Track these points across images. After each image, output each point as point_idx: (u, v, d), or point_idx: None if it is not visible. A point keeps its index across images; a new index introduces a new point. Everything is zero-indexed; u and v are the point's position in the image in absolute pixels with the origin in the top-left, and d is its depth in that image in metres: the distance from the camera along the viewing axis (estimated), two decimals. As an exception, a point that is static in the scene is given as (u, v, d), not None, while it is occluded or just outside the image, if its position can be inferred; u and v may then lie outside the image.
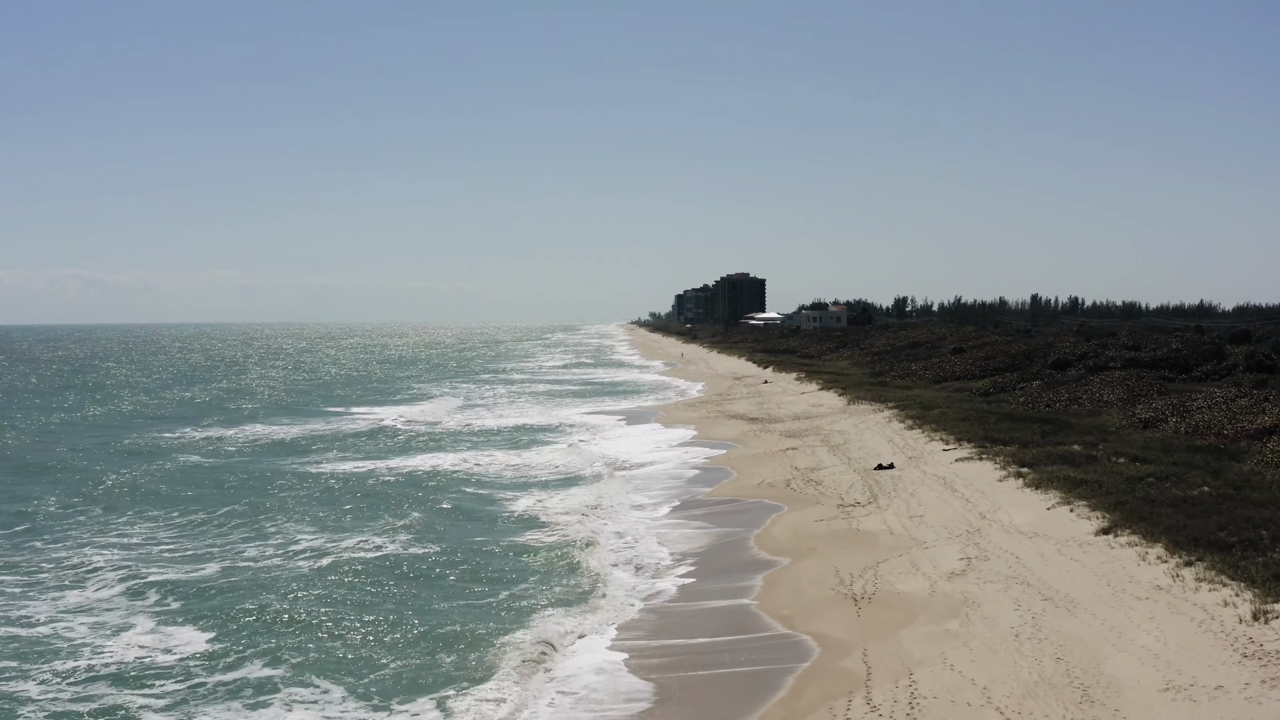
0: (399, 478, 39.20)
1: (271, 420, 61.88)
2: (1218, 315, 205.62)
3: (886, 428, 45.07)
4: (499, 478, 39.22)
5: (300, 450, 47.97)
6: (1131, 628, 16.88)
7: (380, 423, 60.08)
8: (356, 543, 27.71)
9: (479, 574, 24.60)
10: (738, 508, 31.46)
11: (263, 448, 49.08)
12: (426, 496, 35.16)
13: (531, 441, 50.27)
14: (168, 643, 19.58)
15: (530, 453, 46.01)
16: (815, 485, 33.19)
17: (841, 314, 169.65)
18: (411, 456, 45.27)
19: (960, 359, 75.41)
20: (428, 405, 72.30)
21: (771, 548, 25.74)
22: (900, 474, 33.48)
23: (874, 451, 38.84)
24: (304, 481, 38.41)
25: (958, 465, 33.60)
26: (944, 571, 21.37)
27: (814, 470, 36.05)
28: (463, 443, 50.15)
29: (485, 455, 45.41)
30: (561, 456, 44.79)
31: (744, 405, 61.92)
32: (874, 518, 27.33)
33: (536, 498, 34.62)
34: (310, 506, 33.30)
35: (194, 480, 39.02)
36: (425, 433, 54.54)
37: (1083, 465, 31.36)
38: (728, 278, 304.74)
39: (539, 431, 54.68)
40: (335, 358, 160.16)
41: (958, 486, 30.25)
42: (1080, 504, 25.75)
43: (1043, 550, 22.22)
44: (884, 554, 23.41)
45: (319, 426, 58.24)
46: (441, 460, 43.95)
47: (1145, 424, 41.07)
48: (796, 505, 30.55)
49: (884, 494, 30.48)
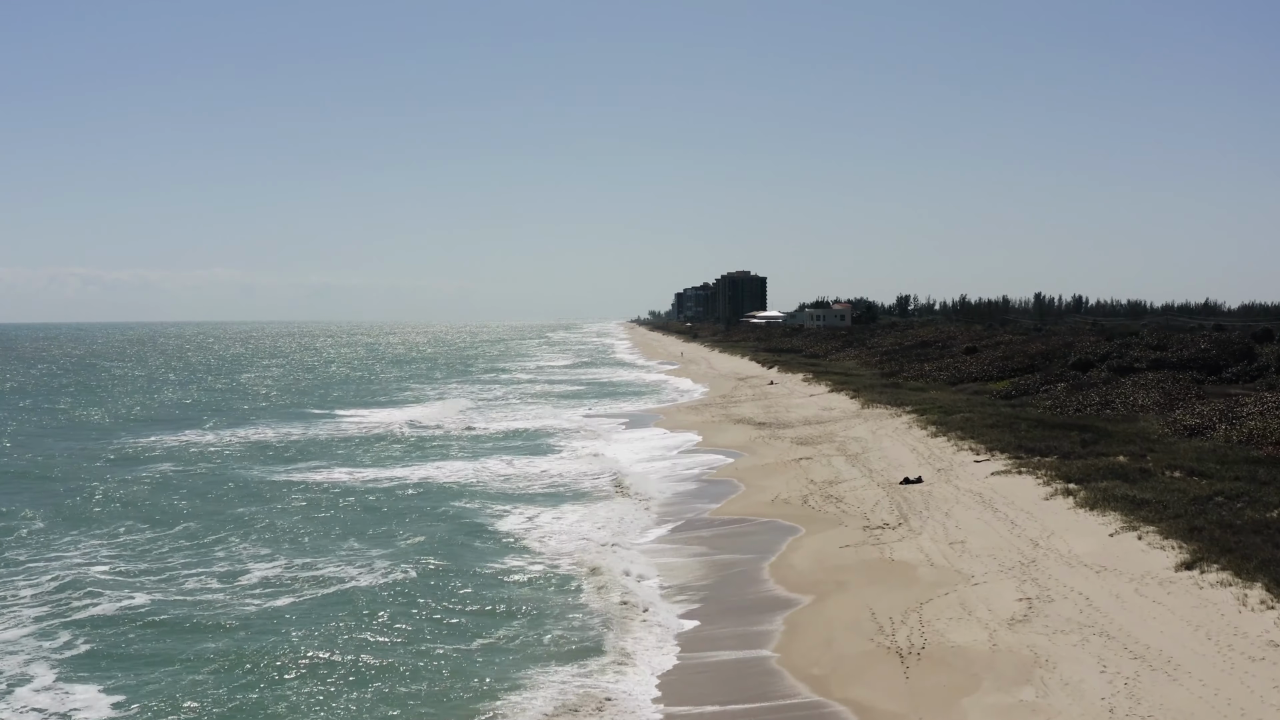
0: (381, 491, 35.86)
1: (259, 424, 58.51)
2: (1224, 314, 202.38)
3: (907, 435, 41.72)
4: (490, 490, 35.87)
5: (279, 458, 44.64)
6: (1255, 702, 13.55)
7: (369, 427, 56.75)
8: (320, 574, 24.34)
9: (456, 615, 21.27)
10: (748, 529, 28.12)
11: (241, 455, 45.74)
12: (409, 514, 31.82)
13: (527, 448, 46.93)
14: (63, 705, 16.23)
15: (525, 461, 42.66)
16: (836, 502, 29.82)
17: (846, 312, 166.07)
18: (397, 466, 41.94)
19: (975, 359, 72.04)
20: (419, 408, 68.95)
21: (791, 580, 22.39)
22: (930, 489, 30.12)
23: (897, 462, 35.49)
24: (275, 494, 35.07)
25: (994, 480, 30.24)
26: (1002, 616, 18.02)
27: (832, 484, 32.70)
28: (453, 450, 46.80)
29: (477, 465, 42.07)
30: (558, 465, 41.48)
31: (750, 408, 58.58)
32: (908, 544, 23.97)
33: (527, 516, 31.27)
34: (275, 525, 29.94)
35: (155, 492, 35.67)
36: (414, 437, 51.20)
37: (1137, 481, 28.02)
38: (728, 276, 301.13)
39: (536, 437, 51.35)
40: (333, 357, 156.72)
41: (998, 505, 26.91)
42: (1148, 529, 22.43)
43: (1116, 589, 18.87)
44: (926, 591, 20.06)
45: (304, 431, 54.89)
46: (429, 470, 40.62)
47: (1191, 431, 37.70)
48: (816, 526, 27.21)
49: (915, 514, 27.14)
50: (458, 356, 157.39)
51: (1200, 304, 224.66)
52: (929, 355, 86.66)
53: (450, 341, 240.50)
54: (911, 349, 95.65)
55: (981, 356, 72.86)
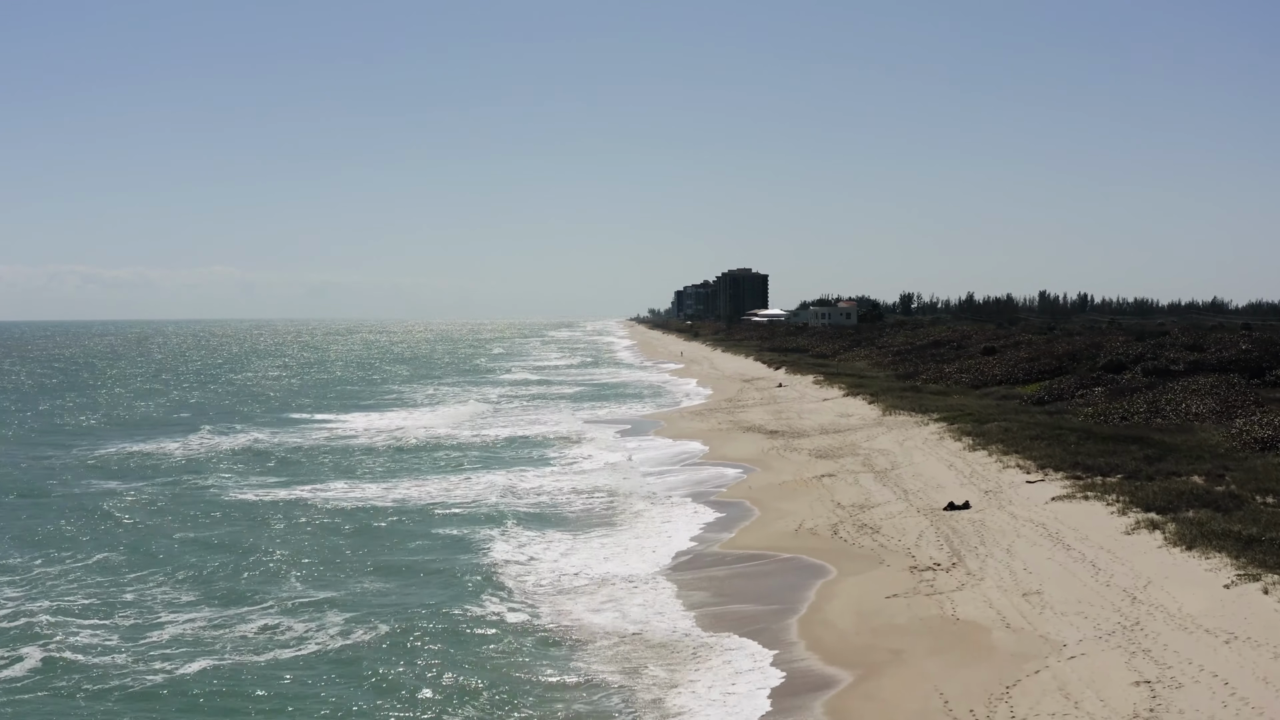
0: (349, 513, 31.53)
1: (238, 429, 54.05)
2: (1231, 311, 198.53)
3: (939, 447, 37.38)
4: (471, 513, 31.50)
5: (245, 471, 40.31)
6: None
7: (351, 434, 52.38)
8: (251, 631, 19.96)
9: (414, 690, 16.93)
10: (767, 568, 23.80)
11: (204, 467, 41.41)
12: (377, 544, 27.51)
13: (518, 460, 42.58)
14: None
15: (514, 477, 38.30)
16: (871, 533, 25.46)
17: (851, 311, 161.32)
18: (374, 481, 37.60)
19: (998, 360, 67.68)
20: (406, 413, 64.62)
21: (828, 645, 18.06)
22: (982, 517, 25.79)
23: (934, 481, 31.15)
24: (224, 518, 30.74)
25: (1057, 507, 25.90)
26: (1122, 712, 13.69)
27: (864, 508, 28.36)
28: (438, 462, 42.45)
29: (461, 480, 37.71)
30: (550, 481, 37.16)
31: (759, 414, 54.24)
32: (971, 594, 19.62)
33: (510, 550, 26.89)
34: (213, 559, 25.61)
35: (87, 514, 31.26)
36: (397, 447, 46.83)
37: (1230, 510, 23.71)
38: (729, 273, 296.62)
39: (528, 446, 47.00)
40: (328, 357, 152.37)
41: (1070, 540, 22.58)
42: (1273, 578, 18.09)
43: (1260, 668, 14.57)
44: (1009, 667, 15.72)
45: (282, 438, 50.49)
46: (408, 487, 36.29)
47: (1263, 445, 33.37)
48: (851, 565, 22.88)
49: (970, 550, 22.81)
50: (454, 356, 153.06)
51: (1208, 302, 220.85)
52: (944, 356, 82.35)
53: (448, 340, 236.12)
54: (925, 349, 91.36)
55: (1004, 358, 68.52)
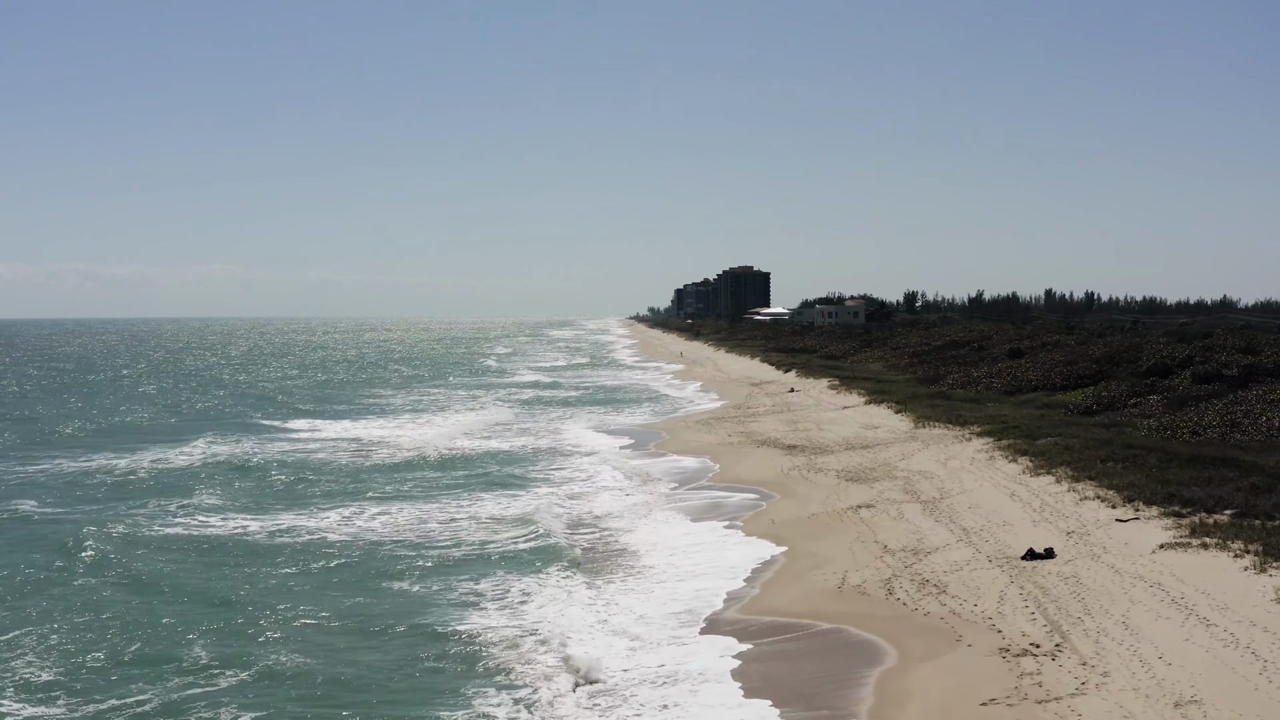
0: (284, 552, 26.16)
1: (197, 439, 48.59)
2: (1241, 310, 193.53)
3: (991, 469, 32.03)
4: (424, 561, 26.11)
5: (182, 490, 34.96)
6: None
7: (317, 446, 46.94)
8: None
9: None
10: (804, 645, 18.43)
11: (139, 487, 36.10)
12: (306, 595, 22.18)
13: (498, 482, 37.20)
14: None
15: (491, 505, 32.95)
16: (937, 593, 20.07)
17: (859, 309, 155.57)
18: (325, 508, 32.23)
19: (1029, 364, 62.29)
20: (384, 421, 59.25)
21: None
22: (1074, 569, 20.43)
23: (997, 515, 25.78)
24: (129, 556, 25.37)
25: (1167, 558, 20.55)
26: None
27: (917, 554, 22.99)
28: (406, 484, 37.06)
29: (428, 511, 32.34)
30: (533, 507, 31.83)
31: (773, 424, 48.87)
32: (1100, 703, 14.24)
33: (463, 613, 21.58)
34: (92, 618, 20.23)
35: None
36: (362, 464, 41.44)
37: (1406, 568, 18.40)
38: (731, 271, 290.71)
39: (514, 462, 41.64)
40: (332, 358, 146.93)
41: (1203, 610, 17.22)
42: None
43: None
44: None
45: (240, 449, 45.05)
46: (363, 519, 30.94)
47: (1383, 469, 28.03)
48: (918, 644, 17.52)
49: (1073, 621, 17.46)
50: (449, 355, 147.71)
51: (1217, 300, 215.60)
52: (966, 358, 76.99)
53: (446, 339, 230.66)
54: (942, 350, 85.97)
55: (1036, 361, 63.13)
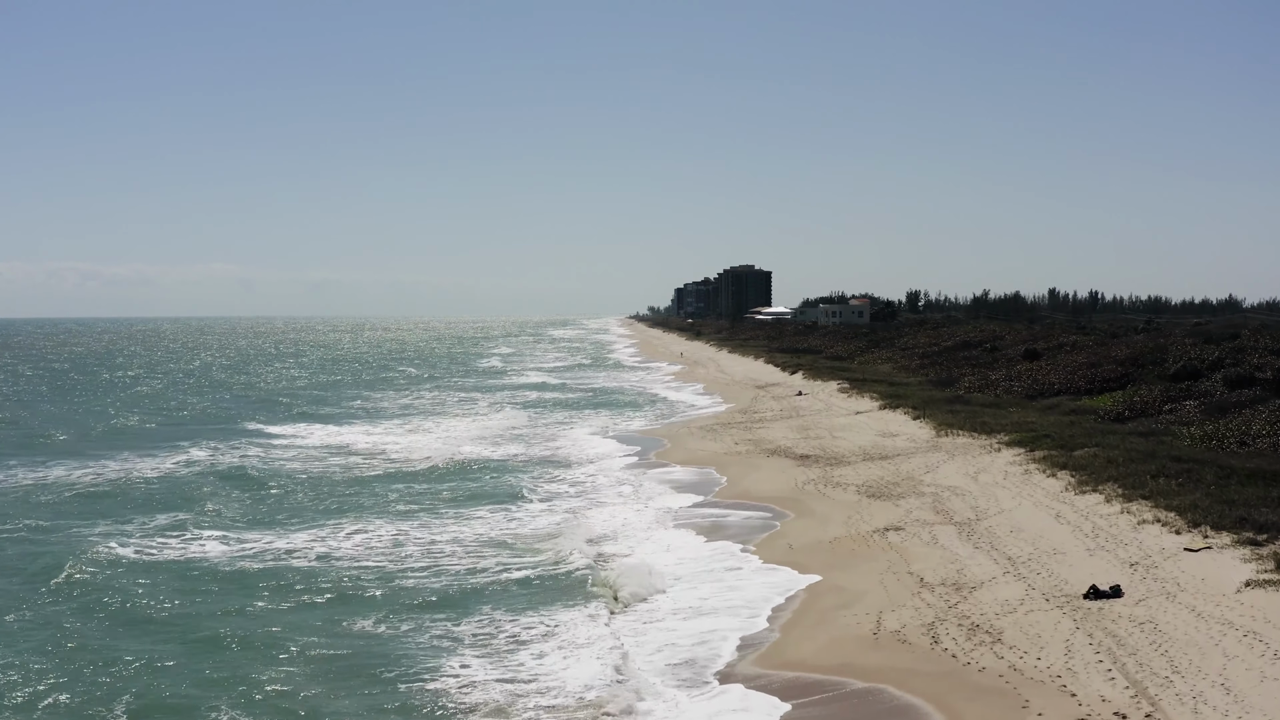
0: (236, 581, 23.28)
1: (174, 445, 45.80)
2: (1247, 310, 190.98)
3: (1028, 484, 29.12)
4: (397, 594, 23.26)
5: (147, 505, 32.10)
6: None
7: (295, 454, 44.06)
8: None
9: None
10: (836, 710, 15.46)
11: (98, 501, 33.24)
12: (256, 638, 19.29)
13: (485, 497, 34.31)
14: None
15: (475, 525, 30.07)
16: (991, 641, 17.13)
17: (864, 309, 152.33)
18: (294, 527, 29.35)
19: (1049, 367, 59.35)
20: (370, 427, 56.35)
21: None
22: (1148, 612, 17.53)
23: (1044, 540, 22.88)
24: (71, 583, 22.47)
25: (1257, 598, 17.65)
26: None
27: (960, 589, 20.08)
28: (386, 498, 34.16)
29: (404, 530, 29.47)
30: (519, 530, 28.97)
31: (782, 431, 45.97)
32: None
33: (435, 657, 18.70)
34: (17, 655, 17.33)
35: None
36: (343, 475, 38.53)
37: None
38: (731, 270, 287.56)
39: (505, 472, 38.77)
40: (322, 359, 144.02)
41: (1322, 672, 14.34)
42: None
43: None
44: None
45: (216, 458, 42.13)
46: (337, 539, 28.04)
47: None
48: (974, 711, 14.60)
49: (1159, 681, 14.56)
50: (448, 356, 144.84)
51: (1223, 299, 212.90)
52: (979, 359, 74.11)
53: (445, 339, 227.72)
54: (953, 351, 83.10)
55: (1055, 363, 60.21)
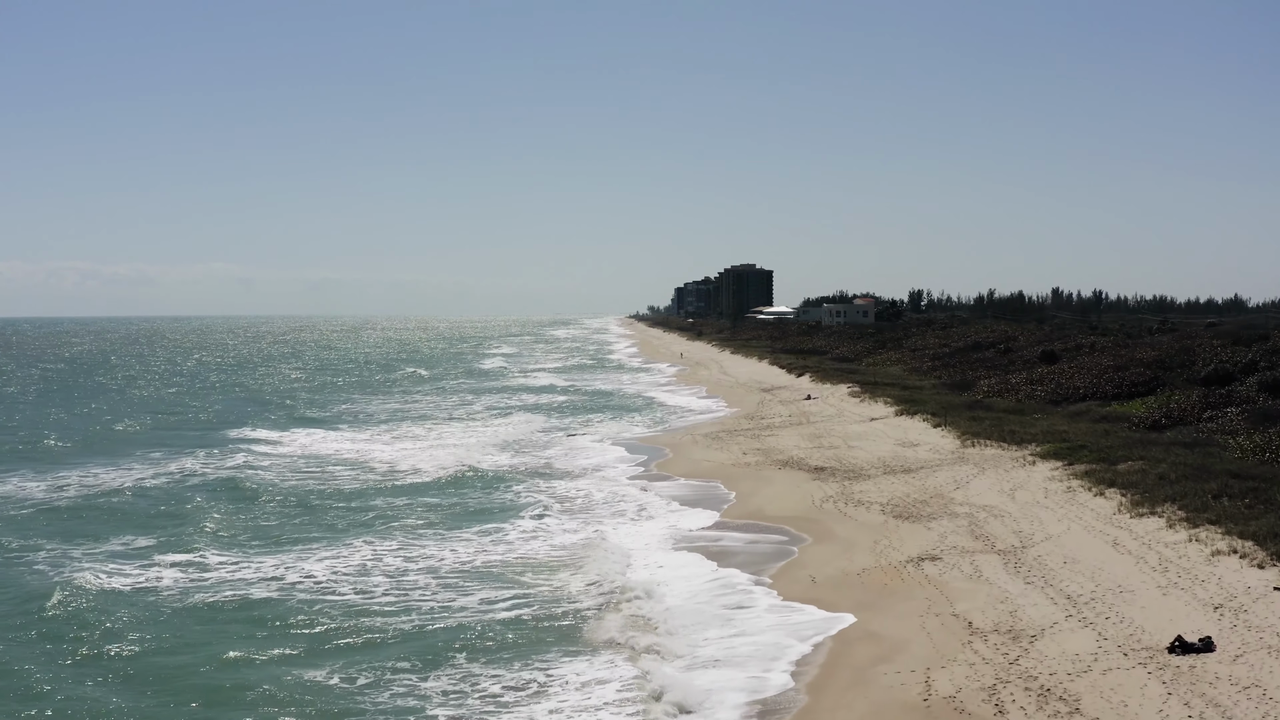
0: (184, 618, 20.31)
1: (152, 452, 42.81)
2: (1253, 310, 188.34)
3: (1072, 503, 26.08)
4: (374, 626, 20.31)
5: (109, 523, 29.17)
6: None
7: (269, 465, 41.07)
8: None
9: None
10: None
11: (65, 517, 30.31)
12: (187, 688, 16.32)
13: (468, 516, 31.35)
14: None
15: (456, 549, 27.11)
16: (1066, 712, 14.11)
17: (869, 308, 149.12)
18: (254, 551, 26.36)
19: (1072, 369, 56.29)
20: (354, 434, 53.39)
21: None
22: (1250, 672, 14.53)
23: (1104, 574, 19.86)
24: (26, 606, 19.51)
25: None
26: None
27: (1017, 637, 17.07)
28: (361, 516, 31.17)
29: (374, 555, 26.53)
30: (500, 558, 26.05)
31: (793, 439, 42.95)
32: None
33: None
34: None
35: None
36: (314, 488, 35.55)
37: None
38: (732, 269, 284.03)
39: (494, 487, 35.80)
40: (321, 360, 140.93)
41: None
42: None
43: None
44: None
45: (189, 469, 39.17)
46: (305, 565, 25.09)
47: None
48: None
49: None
50: (443, 356, 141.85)
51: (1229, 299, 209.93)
52: (993, 361, 71.08)
53: (443, 339, 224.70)
54: (965, 352, 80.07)
55: (1079, 366, 57.15)
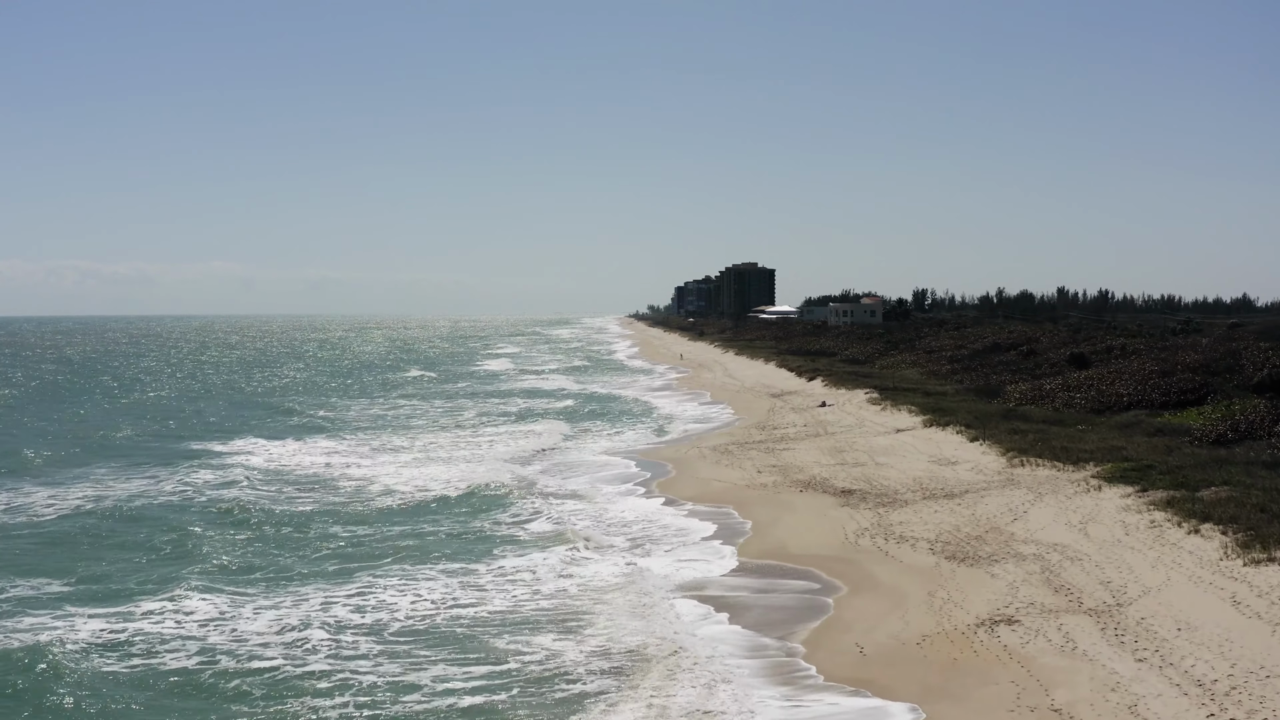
0: (58, 688, 15.98)
1: (112, 466, 38.47)
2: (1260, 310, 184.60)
3: (1161, 542, 21.63)
4: (301, 712, 15.94)
5: (22, 562, 24.81)
6: None
7: (216, 486, 36.72)
8: None
9: None
10: None
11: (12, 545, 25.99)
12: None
13: (447, 550, 27.01)
14: None
15: (432, 589, 22.73)
16: None
17: (876, 308, 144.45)
18: (171, 598, 21.98)
19: (1110, 374, 51.80)
20: (329, 444, 49.03)
21: None
22: None
23: (1239, 650, 15.48)
24: None
25: None
26: None
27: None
28: (311, 553, 26.79)
29: (334, 599, 22.16)
30: (487, 608, 21.64)
31: (811, 454, 38.54)
32: None
33: None
34: None
35: None
36: (266, 509, 31.15)
37: None
38: (734, 268, 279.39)
39: (476, 513, 31.43)
40: (320, 357, 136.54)
41: None
42: None
43: None
44: None
45: (132, 489, 34.91)
46: (230, 616, 20.72)
47: None
48: None
49: None
50: (437, 356, 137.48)
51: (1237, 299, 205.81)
52: (1016, 364, 66.74)
53: (441, 338, 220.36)
54: (985, 354, 75.65)
55: (1118, 371, 52.69)
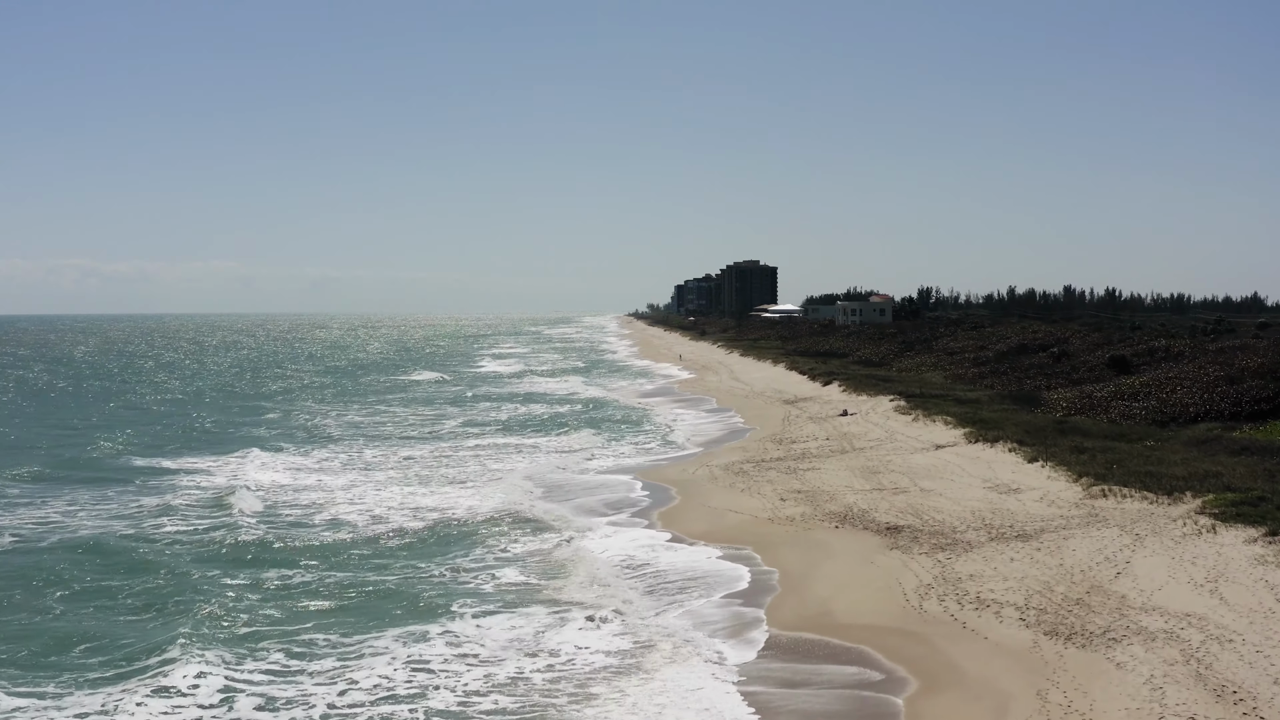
0: None
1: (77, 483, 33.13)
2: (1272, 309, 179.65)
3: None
4: None
5: None
6: None
7: (159, 510, 31.31)
8: None
9: None
10: None
11: None
12: None
13: (380, 614, 21.61)
14: None
15: (358, 674, 17.28)
16: None
17: (886, 306, 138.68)
18: (56, 673, 16.58)
19: (1170, 381, 46.35)
20: (299, 458, 43.62)
21: None
22: None
23: None
24: None
25: None
26: None
27: None
28: (235, 608, 21.37)
29: (238, 681, 16.76)
30: (433, 699, 16.21)
31: (841, 474, 33.06)
32: None
33: None
34: None
35: None
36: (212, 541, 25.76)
37: None
38: (735, 265, 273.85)
39: (430, 554, 26.01)
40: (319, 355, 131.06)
41: None
42: None
43: None
44: None
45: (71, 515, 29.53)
46: (118, 702, 15.35)
47: None
48: None
49: None
50: (433, 355, 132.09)
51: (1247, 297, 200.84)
52: (1048, 367, 61.43)
53: (443, 336, 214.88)
54: (1011, 356, 70.33)
55: (1176, 376, 47.25)
